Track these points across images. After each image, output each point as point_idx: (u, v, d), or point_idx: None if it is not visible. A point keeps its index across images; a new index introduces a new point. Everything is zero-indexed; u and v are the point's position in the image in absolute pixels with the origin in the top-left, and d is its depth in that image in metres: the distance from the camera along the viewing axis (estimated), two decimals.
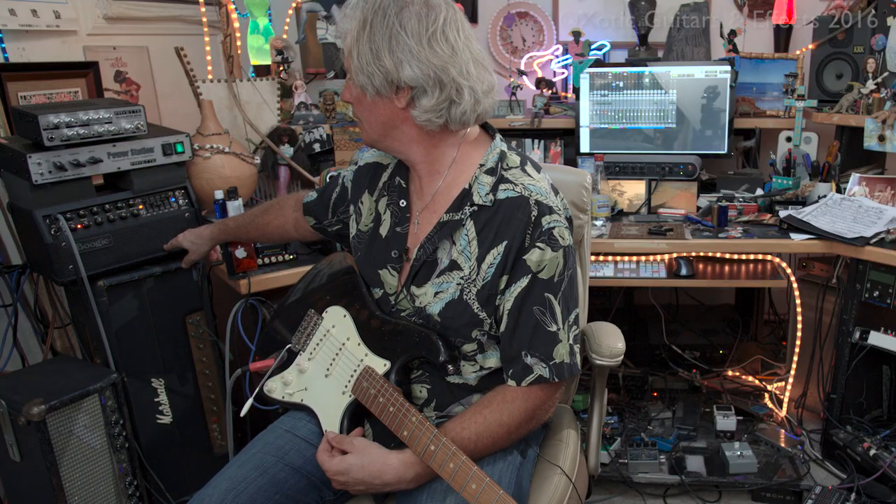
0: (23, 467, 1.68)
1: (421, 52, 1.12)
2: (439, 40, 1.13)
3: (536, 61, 3.03)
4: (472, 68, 1.16)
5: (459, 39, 1.15)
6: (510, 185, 1.22)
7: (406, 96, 1.15)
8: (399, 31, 1.12)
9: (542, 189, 1.22)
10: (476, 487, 1.08)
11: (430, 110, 1.16)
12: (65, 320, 2.06)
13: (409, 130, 1.21)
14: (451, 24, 1.14)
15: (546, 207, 1.20)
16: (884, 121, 2.17)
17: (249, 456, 1.28)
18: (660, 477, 2.19)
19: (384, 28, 1.12)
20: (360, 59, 1.14)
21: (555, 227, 1.19)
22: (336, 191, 1.49)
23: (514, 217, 1.19)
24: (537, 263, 1.19)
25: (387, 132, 1.22)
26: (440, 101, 1.15)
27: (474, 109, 1.18)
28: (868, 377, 2.26)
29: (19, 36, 2.07)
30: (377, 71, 1.13)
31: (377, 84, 1.15)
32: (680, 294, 3.03)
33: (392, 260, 1.29)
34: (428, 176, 1.27)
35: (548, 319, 1.20)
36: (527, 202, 1.19)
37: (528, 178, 1.23)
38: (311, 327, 1.38)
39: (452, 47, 1.14)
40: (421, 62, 1.12)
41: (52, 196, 1.71)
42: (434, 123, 1.18)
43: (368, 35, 1.13)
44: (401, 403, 1.18)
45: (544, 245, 1.18)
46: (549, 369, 1.20)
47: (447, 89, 1.14)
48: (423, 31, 1.12)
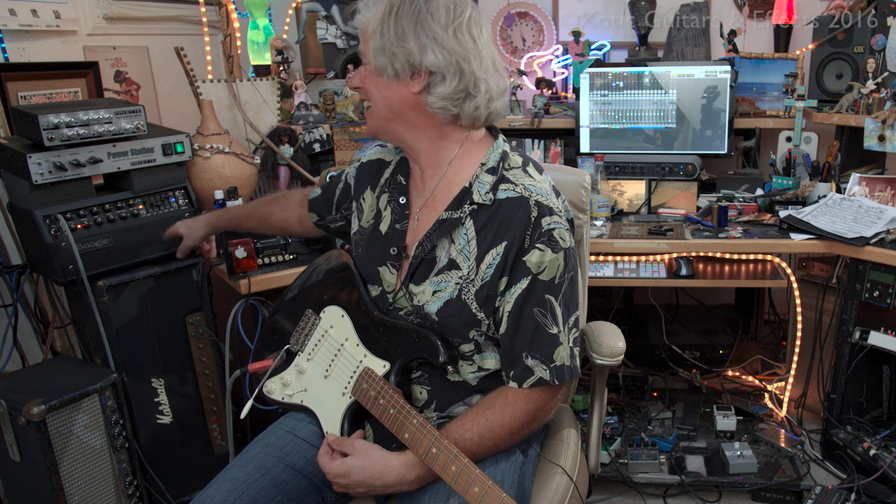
0: (23, 467, 1.68)
1: (446, 40, 1.14)
2: (464, 32, 1.16)
3: (536, 61, 3.03)
4: (491, 67, 1.19)
5: (481, 37, 1.18)
6: (510, 185, 1.22)
7: (423, 81, 1.16)
8: (426, 16, 1.14)
9: (543, 190, 1.22)
10: (479, 491, 1.07)
11: (445, 98, 1.17)
12: (65, 320, 2.06)
13: (418, 118, 1.21)
14: (475, 22, 1.18)
15: (546, 208, 1.19)
16: (884, 121, 2.17)
17: (250, 457, 1.28)
18: (660, 477, 2.19)
19: (412, 12, 1.14)
20: (382, 38, 1.16)
21: (555, 229, 1.19)
22: (339, 187, 1.49)
23: (514, 217, 1.19)
24: (537, 265, 1.18)
25: (394, 117, 1.22)
26: (457, 90, 1.16)
27: (487, 107, 1.20)
28: (868, 377, 2.25)
29: (19, 36, 2.07)
30: (400, 52, 1.15)
31: (398, 66, 1.16)
32: (680, 294, 3.03)
33: (391, 257, 1.29)
34: (429, 169, 1.27)
35: (548, 321, 1.20)
36: (527, 203, 1.19)
37: (530, 178, 1.23)
38: (308, 327, 1.37)
39: (475, 41, 1.17)
40: (445, 49, 1.14)
41: (52, 196, 1.71)
42: (447, 112, 1.18)
43: (395, 18, 1.15)
44: (401, 405, 1.17)
45: (544, 246, 1.18)
46: (549, 371, 1.19)
47: (466, 80, 1.16)
48: (449, 21, 1.15)
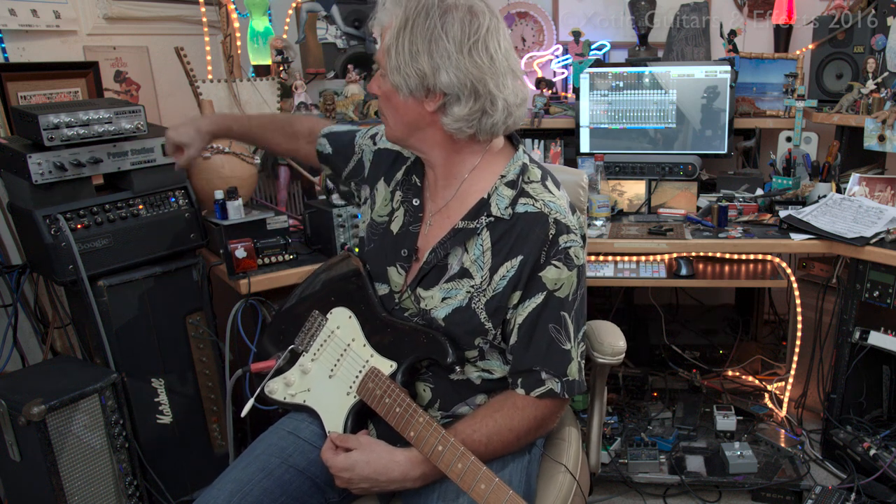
0: (23, 467, 1.68)
1: (461, 61, 1.10)
2: (480, 50, 1.11)
3: (536, 61, 3.03)
4: (509, 81, 1.15)
5: (500, 50, 1.13)
6: (530, 199, 1.21)
7: (438, 101, 1.13)
8: (441, 35, 1.09)
9: (562, 207, 1.21)
10: (485, 488, 1.07)
11: (461, 119, 1.14)
12: (65, 320, 2.05)
13: (435, 134, 1.19)
14: (493, 34, 1.12)
15: (564, 226, 1.19)
16: (884, 121, 2.17)
17: (253, 458, 1.28)
18: (660, 477, 2.19)
19: (426, 30, 1.10)
20: (397, 57, 1.12)
21: (571, 247, 1.19)
22: (354, 160, 1.43)
23: (532, 233, 1.19)
24: (553, 281, 1.18)
25: (411, 132, 1.21)
26: (473, 111, 1.13)
27: (505, 122, 1.17)
28: (868, 377, 2.26)
29: (19, 36, 2.07)
30: (413, 73, 1.11)
31: (411, 86, 1.13)
32: (680, 294, 3.03)
33: (401, 258, 1.28)
34: (444, 179, 1.26)
35: (562, 337, 1.20)
36: (546, 219, 1.19)
37: (549, 194, 1.22)
38: (315, 328, 1.37)
39: (492, 57, 1.12)
40: (459, 70, 1.10)
41: (52, 196, 1.71)
42: (463, 133, 1.16)
43: (409, 35, 1.11)
44: (407, 404, 1.18)
45: (560, 264, 1.18)
46: (561, 385, 1.20)
47: (481, 100, 1.13)
48: (464, 39, 1.10)
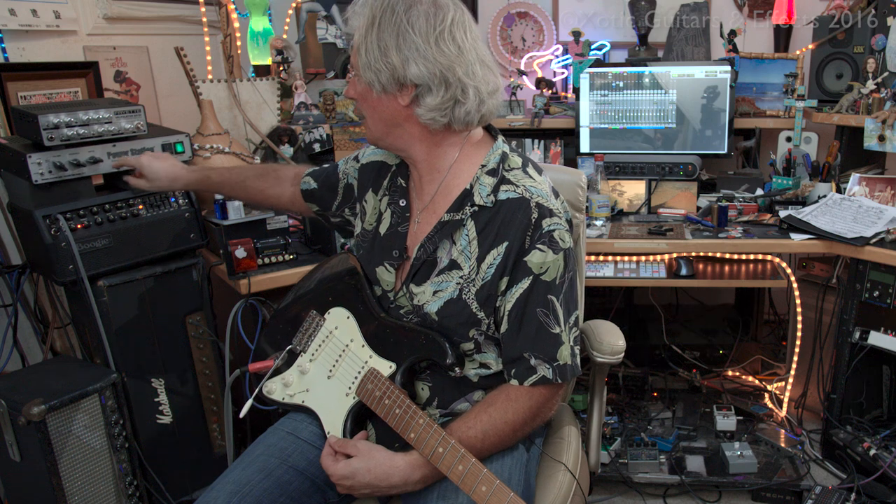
0: (23, 467, 1.68)
1: (428, 51, 1.13)
2: (446, 40, 1.14)
3: (536, 61, 3.03)
4: (478, 69, 1.17)
5: (466, 40, 1.16)
6: (511, 185, 1.22)
7: (410, 94, 1.16)
8: (407, 28, 1.13)
9: (543, 191, 1.22)
10: (486, 490, 1.07)
11: (434, 109, 1.16)
12: (65, 320, 2.05)
13: (412, 129, 1.21)
14: (458, 25, 1.15)
15: (546, 210, 1.20)
16: (884, 121, 2.17)
17: (253, 458, 1.28)
18: (660, 477, 2.19)
19: (392, 25, 1.13)
20: (367, 55, 1.15)
21: (555, 230, 1.20)
22: (341, 188, 1.47)
23: (515, 218, 1.19)
24: (539, 265, 1.19)
25: (390, 130, 1.23)
26: (445, 100, 1.16)
27: (478, 110, 1.19)
28: (868, 377, 2.26)
29: (19, 36, 2.07)
30: (384, 67, 1.14)
31: (383, 81, 1.15)
32: (680, 294, 3.03)
33: (391, 258, 1.29)
34: (428, 174, 1.27)
35: (551, 321, 1.20)
36: (527, 204, 1.20)
37: (530, 179, 1.23)
38: (312, 328, 1.37)
39: (459, 47, 1.15)
40: (427, 60, 1.13)
41: (52, 196, 1.71)
42: (438, 122, 1.18)
43: (377, 32, 1.14)
44: (407, 405, 1.18)
45: (545, 247, 1.19)
46: (552, 370, 1.20)
47: (452, 88, 1.15)
48: (430, 30, 1.13)
